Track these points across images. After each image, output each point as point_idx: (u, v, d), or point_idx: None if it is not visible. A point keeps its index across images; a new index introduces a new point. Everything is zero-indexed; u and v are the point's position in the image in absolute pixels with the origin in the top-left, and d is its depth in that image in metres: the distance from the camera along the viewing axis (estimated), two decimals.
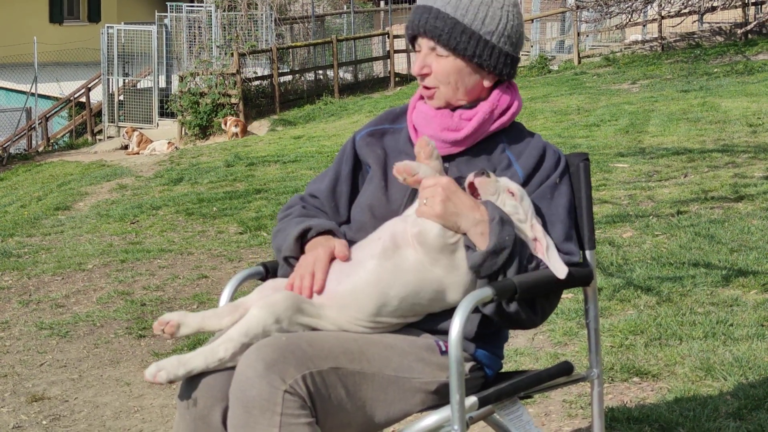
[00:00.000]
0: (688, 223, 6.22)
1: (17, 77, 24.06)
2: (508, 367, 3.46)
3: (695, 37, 20.94)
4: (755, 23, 15.35)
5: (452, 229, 2.15)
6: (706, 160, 8.59)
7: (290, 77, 21.41)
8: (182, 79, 19.52)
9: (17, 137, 22.21)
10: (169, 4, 21.72)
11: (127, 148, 19.18)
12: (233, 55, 19.36)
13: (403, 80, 23.07)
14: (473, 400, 2.13)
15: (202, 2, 22.05)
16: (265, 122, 18.84)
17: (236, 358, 2.07)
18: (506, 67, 2.30)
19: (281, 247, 2.35)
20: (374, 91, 22.07)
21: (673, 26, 19.50)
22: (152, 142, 18.66)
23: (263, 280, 2.47)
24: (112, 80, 21.51)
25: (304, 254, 2.28)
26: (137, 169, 12.77)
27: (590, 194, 2.40)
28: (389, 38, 23.35)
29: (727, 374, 3.63)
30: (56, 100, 24.07)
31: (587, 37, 22.94)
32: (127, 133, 19.41)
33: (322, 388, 2.03)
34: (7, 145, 21.31)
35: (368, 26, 27.26)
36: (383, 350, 2.15)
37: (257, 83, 20.52)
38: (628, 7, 11.27)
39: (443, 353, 2.21)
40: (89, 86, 22.63)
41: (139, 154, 17.97)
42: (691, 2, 14.08)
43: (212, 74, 19.18)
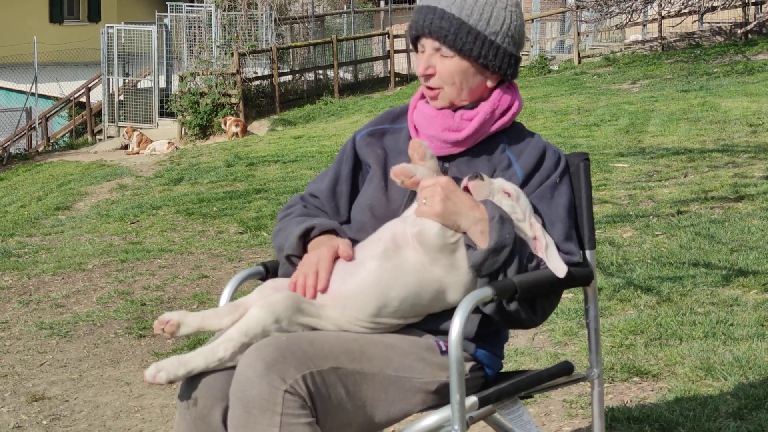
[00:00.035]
0: (688, 223, 6.22)
1: (17, 77, 24.06)
2: (508, 367, 3.46)
3: (695, 37, 20.94)
4: (755, 23, 15.34)
5: (452, 228, 2.15)
6: (706, 160, 8.59)
7: (290, 77, 21.42)
8: (182, 79, 19.52)
9: (17, 137, 22.20)
10: (169, 3, 21.71)
11: (127, 148, 19.19)
12: (233, 55, 19.36)
13: (403, 80, 23.07)
14: (473, 399, 2.13)
15: (202, 2, 22.05)
16: (265, 122, 18.84)
17: (236, 357, 2.07)
18: (510, 67, 2.30)
19: (283, 245, 2.34)
20: (374, 91, 22.07)
21: (673, 26, 19.50)
22: (152, 142, 18.66)
23: (263, 279, 2.47)
24: (112, 80, 21.50)
25: (306, 253, 2.27)
26: (137, 169, 12.77)
27: (590, 194, 2.40)
28: (389, 38, 23.35)
29: (727, 374, 3.63)
30: (56, 100, 24.06)
31: (587, 37, 22.94)
32: (127, 133, 19.42)
33: (322, 387, 2.03)
34: (7, 144, 21.31)
35: (368, 26, 27.25)
36: (384, 350, 2.15)
37: (257, 83, 20.52)
38: (628, 7, 11.26)
39: (443, 353, 2.20)
40: (89, 86, 22.64)
41: (139, 154, 17.96)
42: (691, 2, 14.08)
43: (212, 74, 19.18)
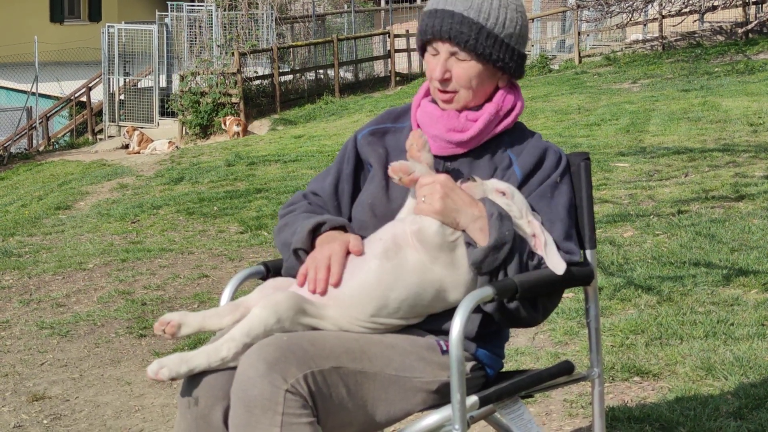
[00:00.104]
0: (688, 222, 6.22)
1: (18, 77, 24.06)
2: (508, 366, 3.47)
3: (696, 36, 20.94)
4: (756, 22, 15.32)
5: (451, 225, 2.15)
6: (706, 159, 8.59)
7: (291, 77, 21.43)
8: (183, 78, 19.53)
9: (18, 137, 22.21)
10: (169, 3, 21.71)
11: (127, 147, 19.20)
12: (234, 54, 19.37)
13: (403, 79, 23.08)
14: (474, 399, 2.13)
15: (202, 1, 22.06)
16: (265, 121, 18.84)
17: (238, 357, 2.07)
18: (519, 68, 2.32)
19: (289, 240, 2.32)
20: (375, 90, 22.09)
21: (673, 25, 19.51)
22: (153, 141, 18.67)
23: (264, 279, 2.47)
24: (112, 79, 21.51)
25: (315, 248, 2.25)
26: (138, 168, 12.78)
27: (591, 194, 2.40)
28: (390, 37, 23.36)
29: (727, 374, 3.63)
30: (57, 99, 24.07)
31: (588, 36, 22.94)
32: (127, 132, 19.43)
33: (323, 387, 2.03)
34: (7, 144, 21.32)
35: (369, 26, 27.27)
36: (384, 350, 2.15)
37: (258, 82, 20.54)
38: (628, 6, 11.26)
39: (444, 353, 2.20)
40: (90, 86, 22.64)
41: (139, 153, 17.98)
42: (691, 1, 14.07)
43: (213, 74, 19.19)
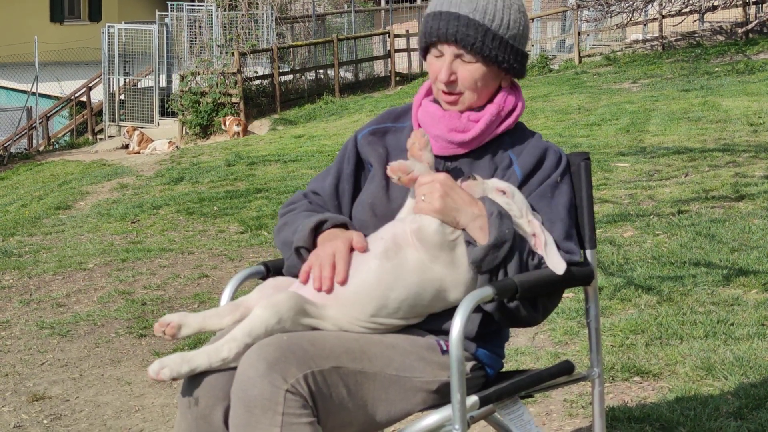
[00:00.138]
0: (688, 222, 6.22)
1: (18, 76, 24.07)
2: (509, 366, 3.47)
3: (696, 36, 20.94)
4: (756, 22, 15.33)
5: (451, 224, 2.15)
6: (706, 159, 8.59)
7: (291, 76, 21.44)
8: (183, 78, 19.53)
9: (18, 136, 22.22)
10: (169, 3, 21.71)
11: (127, 147, 19.20)
12: (234, 54, 19.37)
13: (403, 79, 23.09)
14: (474, 399, 2.13)
15: (202, 1, 22.05)
16: (265, 121, 18.84)
17: (239, 357, 2.07)
18: (523, 68, 2.33)
19: (290, 238, 2.32)
20: (375, 90, 22.09)
21: (673, 25, 19.52)
22: (153, 141, 18.67)
23: (264, 279, 2.47)
24: (112, 79, 21.52)
25: (317, 246, 2.25)
26: (138, 168, 12.78)
27: (591, 193, 2.40)
28: (390, 37, 23.37)
29: (727, 373, 3.63)
30: (57, 99, 24.08)
31: (588, 36, 22.94)
32: (127, 132, 19.43)
33: (323, 387, 2.03)
34: (8, 144, 21.32)
35: (369, 25, 27.27)
36: (385, 350, 2.15)
37: (258, 82, 20.54)
38: (628, 6, 11.25)
39: (444, 352, 2.20)
40: (90, 85, 22.65)
41: (139, 153, 17.98)
42: (691, 1, 14.07)
43: (213, 73, 19.19)
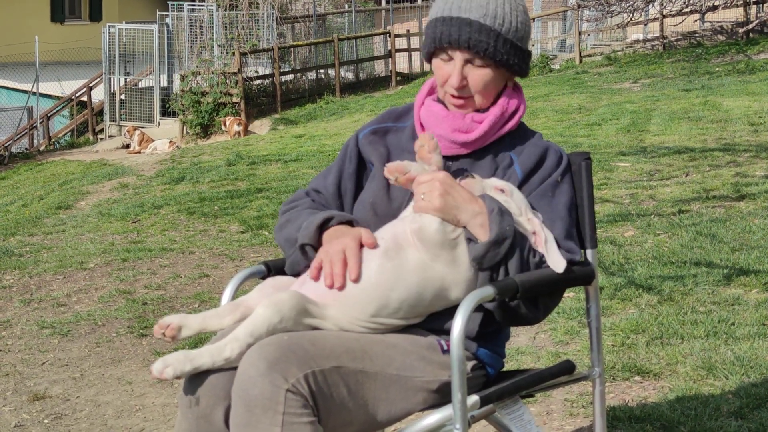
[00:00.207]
0: (689, 222, 6.22)
1: (19, 76, 24.07)
2: (509, 366, 3.47)
3: (697, 36, 20.94)
4: (757, 22, 15.35)
5: (452, 222, 2.15)
6: (707, 159, 8.59)
7: (292, 76, 21.44)
8: (184, 78, 19.52)
9: (19, 136, 22.21)
10: (170, 3, 21.70)
11: (128, 147, 19.20)
12: (235, 54, 19.37)
13: (404, 79, 23.08)
14: (475, 398, 2.13)
15: (203, 1, 22.04)
16: (266, 121, 18.84)
17: (242, 357, 2.07)
18: (528, 67, 2.35)
19: (293, 236, 2.32)
20: (375, 90, 22.09)
21: (674, 25, 19.51)
22: (153, 141, 18.67)
23: (265, 278, 2.46)
24: (113, 79, 21.51)
25: (324, 243, 2.24)
26: (139, 168, 12.78)
27: (592, 193, 2.40)
28: (390, 37, 23.36)
29: (728, 373, 3.63)
30: (58, 99, 24.08)
31: (589, 36, 22.94)
32: (128, 132, 19.42)
33: (324, 387, 2.03)
34: (8, 144, 21.32)
35: (369, 25, 27.27)
36: (385, 349, 2.15)
37: (259, 82, 20.54)
38: (629, 6, 11.25)
39: (445, 352, 2.20)
40: (91, 85, 22.64)
41: (140, 153, 17.98)
42: (692, 1, 14.07)
43: (214, 73, 19.19)
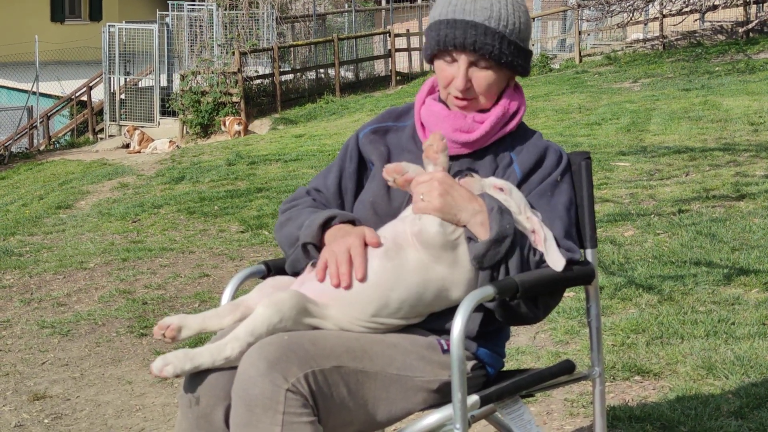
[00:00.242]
0: (689, 221, 6.22)
1: (18, 76, 24.06)
2: (509, 365, 3.47)
3: (697, 35, 20.94)
4: (757, 22, 15.35)
5: (452, 221, 2.15)
6: (707, 158, 8.59)
7: (291, 76, 21.43)
8: (183, 77, 19.52)
9: (19, 136, 22.21)
10: (170, 2, 21.69)
11: (128, 146, 19.19)
12: (234, 53, 19.37)
13: (404, 79, 23.08)
14: (475, 398, 2.13)
15: (203, 1, 22.04)
16: (266, 121, 18.84)
17: (242, 356, 2.07)
18: (529, 66, 2.36)
19: (294, 234, 2.32)
20: (375, 89, 22.09)
21: (674, 25, 19.52)
22: (153, 140, 18.66)
23: (265, 278, 2.46)
24: (113, 79, 21.50)
25: (327, 243, 2.24)
26: (138, 167, 12.78)
27: (592, 193, 2.40)
28: (390, 37, 23.36)
29: (728, 373, 3.63)
30: (57, 98, 24.06)
31: (588, 35, 22.94)
32: (128, 131, 19.41)
33: (324, 386, 2.03)
34: (8, 143, 21.31)
35: (369, 25, 27.26)
36: (386, 349, 2.15)
37: (258, 82, 20.53)
38: (629, 5, 11.25)
39: (445, 352, 2.20)
40: (90, 85, 22.63)
41: (140, 152, 17.97)
42: (692, 1, 14.07)
43: (213, 73, 19.18)
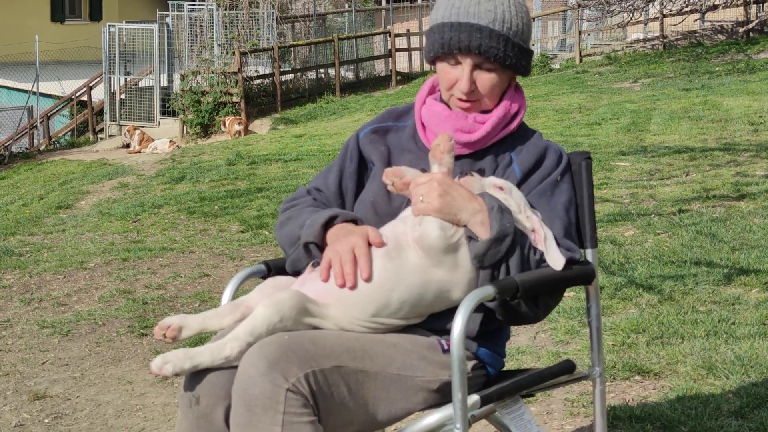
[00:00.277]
0: (689, 221, 6.22)
1: (19, 76, 24.06)
2: (509, 365, 3.47)
3: (697, 35, 20.94)
4: (757, 21, 15.35)
5: (452, 221, 2.15)
6: (707, 158, 8.59)
7: (292, 76, 21.43)
8: (184, 77, 19.51)
9: (19, 136, 22.20)
10: (170, 2, 21.69)
11: (128, 146, 19.19)
12: (235, 53, 19.36)
13: (404, 78, 23.08)
14: (475, 398, 2.13)
15: (203, 1, 22.04)
16: (266, 121, 18.84)
17: (242, 356, 2.07)
18: (530, 66, 2.36)
19: (295, 233, 2.31)
20: (376, 89, 22.08)
21: (674, 25, 19.53)
22: (154, 140, 18.66)
23: (265, 278, 2.46)
24: (113, 79, 21.50)
25: (330, 242, 2.23)
26: (139, 167, 12.78)
27: (592, 193, 2.40)
28: (390, 37, 23.36)
29: (729, 373, 3.63)
30: (58, 98, 24.05)
31: (589, 35, 22.95)
32: (128, 131, 19.41)
33: (324, 386, 2.02)
34: (8, 143, 21.30)
35: (370, 25, 27.26)
36: (386, 349, 2.15)
37: (259, 82, 20.52)
38: (629, 5, 11.25)
39: (445, 352, 2.20)
40: (91, 85, 22.63)
41: (140, 152, 17.97)
42: (692, 1, 14.07)
43: (214, 73, 19.18)
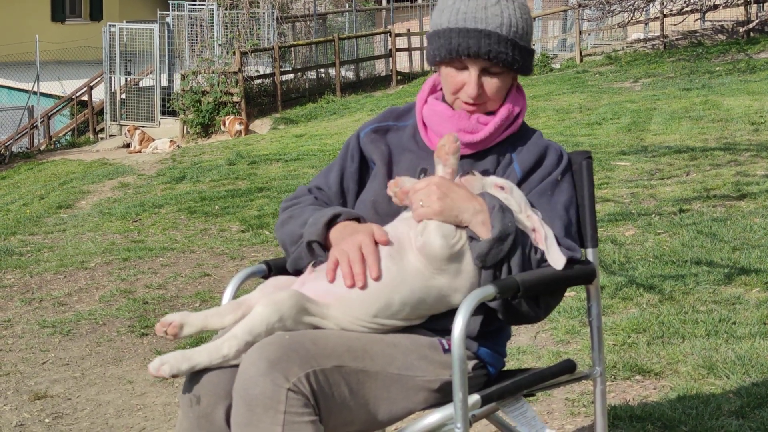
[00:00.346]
0: (690, 221, 6.22)
1: (19, 76, 24.06)
2: (510, 365, 3.47)
3: (697, 35, 20.94)
4: (757, 21, 15.35)
5: (453, 223, 2.14)
6: (708, 158, 8.59)
7: (292, 76, 21.42)
8: (184, 77, 19.51)
9: (19, 136, 22.21)
10: (171, 2, 21.69)
11: (129, 146, 19.19)
12: (235, 53, 19.37)
13: (404, 78, 23.08)
14: (476, 398, 2.13)
15: (204, 1, 22.04)
16: (267, 121, 18.84)
17: (240, 355, 2.06)
18: (532, 65, 2.36)
19: (297, 232, 2.31)
20: (376, 89, 22.08)
21: (675, 24, 19.53)
22: (154, 140, 18.67)
23: (266, 278, 2.46)
24: (114, 79, 21.50)
25: (335, 241, 2.23)
26: (139, 167, 12.78)
27: (593, 192, 2.40)
28: (391, 36, 23.36)
29: (729, 372, 3.63)
30: (58, 98, 24.06)
31: (589, 35, 22.95)
32: (129, 131, 19.42)
33: (325, 386, 2.02)
34: (9, 143, 21.30)
35: (370, 25, 27.26)
36: (387, 348, 2.15)
37: (259, 82, 20.52)
38: (630, 5, 11.25)
39: (446, 351, 2.20)
40: (91, 85, 22.63)
41: (141, 152, 17.97)
42: (693, 0, 14.07)
43: (214, 73, 19.18)
